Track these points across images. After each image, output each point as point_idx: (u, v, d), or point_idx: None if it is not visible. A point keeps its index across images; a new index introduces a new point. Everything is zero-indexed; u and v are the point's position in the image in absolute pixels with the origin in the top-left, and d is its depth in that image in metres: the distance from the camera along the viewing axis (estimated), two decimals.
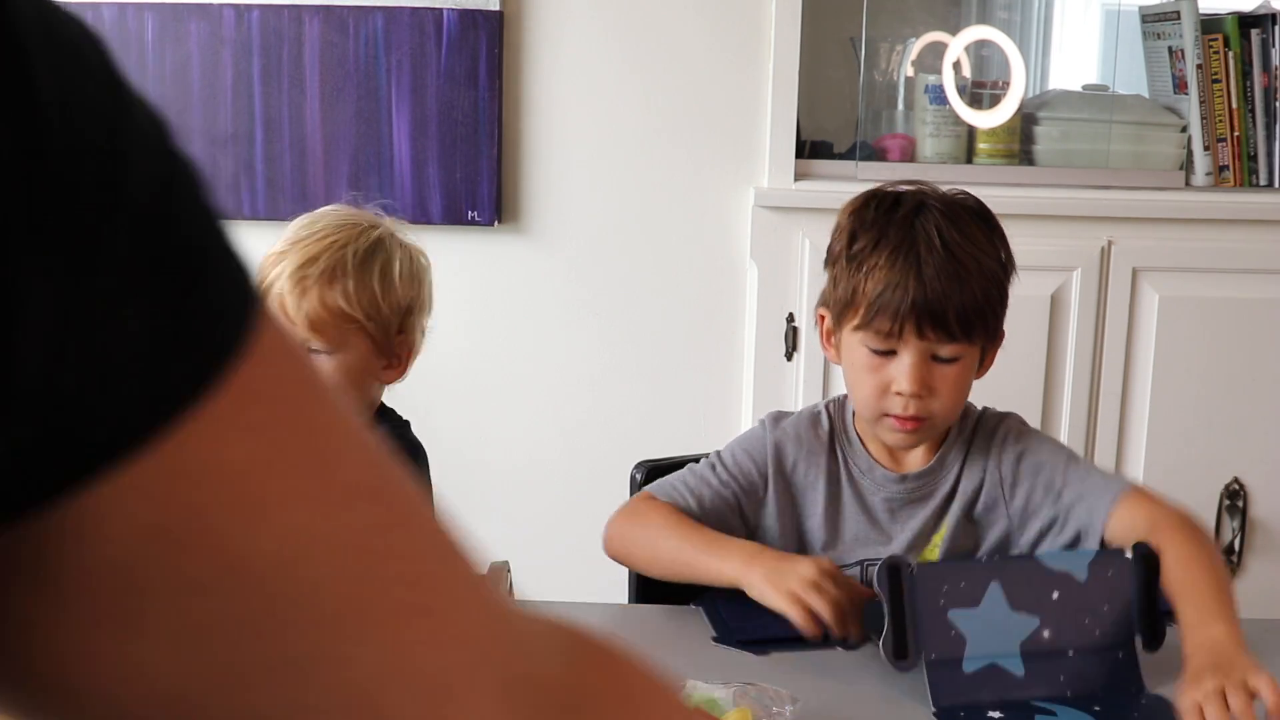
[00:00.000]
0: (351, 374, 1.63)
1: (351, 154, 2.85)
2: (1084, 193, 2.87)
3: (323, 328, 1.59)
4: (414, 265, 1.70)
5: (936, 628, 1.30)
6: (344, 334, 1.62)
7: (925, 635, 1.30)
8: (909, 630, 1.30)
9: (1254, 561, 2.93)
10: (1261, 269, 2.84)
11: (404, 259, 1.68)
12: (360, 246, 1.64)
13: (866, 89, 2.99)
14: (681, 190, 2.91)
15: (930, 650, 1.29)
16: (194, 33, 2.82)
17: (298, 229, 1.64)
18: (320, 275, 1.59)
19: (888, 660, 1.30)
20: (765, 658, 1.42)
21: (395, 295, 1.66)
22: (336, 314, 1.60)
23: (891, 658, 1.30)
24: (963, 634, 1.30)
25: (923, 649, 1.29)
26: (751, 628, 1.43)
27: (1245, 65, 2.90)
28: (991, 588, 1.33)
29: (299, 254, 1.60)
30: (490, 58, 2.83)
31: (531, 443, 3.00)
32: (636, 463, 1.87)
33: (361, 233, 1.65)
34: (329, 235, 1.63)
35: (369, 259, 1.64)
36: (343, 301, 1.60)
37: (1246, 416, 2.87)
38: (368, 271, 1.63)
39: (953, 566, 1.36)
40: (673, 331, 2.95)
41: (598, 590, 1.82)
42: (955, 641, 1.30)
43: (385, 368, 1.69)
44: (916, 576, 1.32)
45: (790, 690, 1.25)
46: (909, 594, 1.31)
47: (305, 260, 1.59)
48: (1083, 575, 1.35)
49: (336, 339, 1.61)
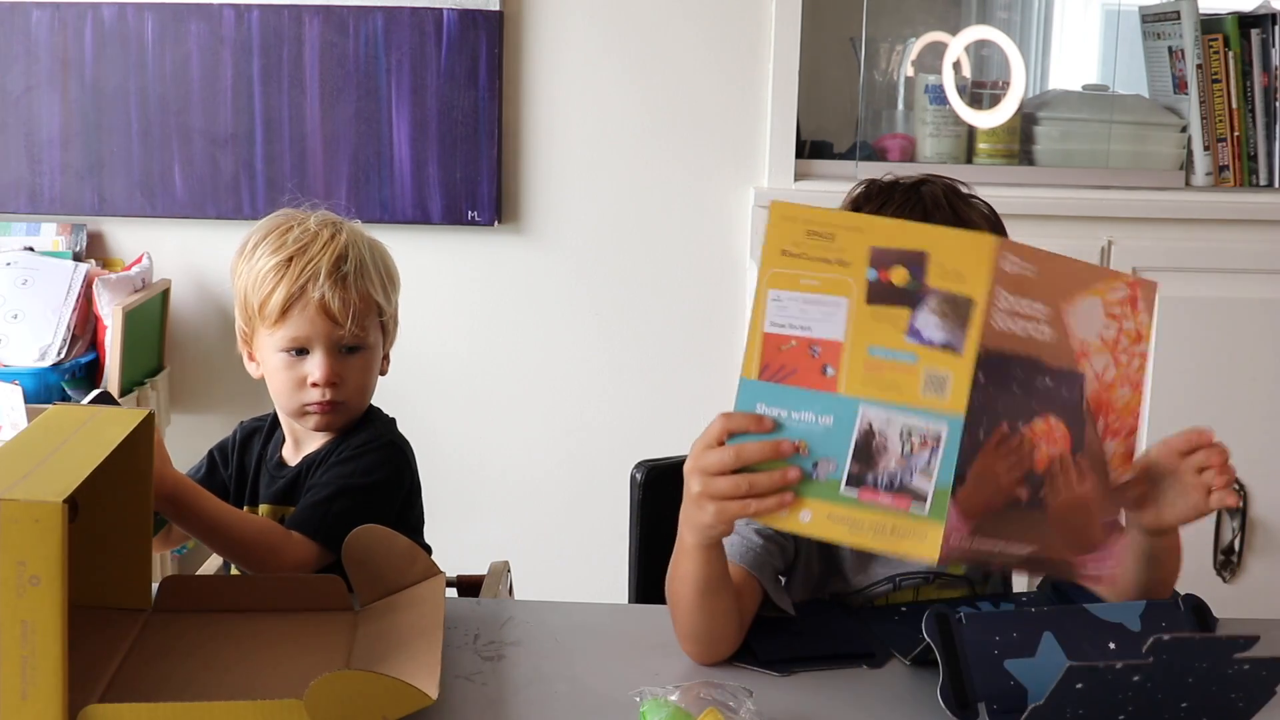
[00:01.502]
0: (374, 368, 1.68)
1: (351, 154, 2.85)
2: (1084, 193, 2.87)
3: (363, 322, 1.63)
4: (391, 257, 1.73)
5: (994, 678, 1.29)
6: (373, 327, 1.66)
7: (984, 685, 1.28)
8: (965, 679, 1.29)
9: (1254, 561, 2.93)
10: (1261, 269, 2.84)
11: (385, 252, 1.73)
12: (359, 240, 1.68)
13: (866, 89, 2.99)
14: (681, 190, 2.91)
15: (992, 700, 1.28)
16: (194, 33, 2.82)
17: (285, 235, 1.64)
18: (355, 270, 1.63)
19: (949, 710, 1.28)
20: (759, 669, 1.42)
21: (396, 285, 1.71)
22: (372, 306, 1.65)
23: (954, 708, 1.27)
24: (1022, 684, 1.29)
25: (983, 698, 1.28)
26: (775, 647, 1.41)
27: (1245, 65, 2.90)
28: (1046, 638, 1.31)
29: (325, 255, 1.62)
30: (490, 58, 2.83)
31: (531, 442, 2.99)
32: (636, 463, 1.87)
33: (349, 228, 1.69)
34: (336, 234, 1.66)
35: (374, 252, 1.68)
36: (375, 293, 1.65)
37: (1247, 417, 2.87)
38: (378, 263, 1.68)
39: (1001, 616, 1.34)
40: (673, 331, 2.95)
41: (598, 590, 1.82)
42: (1015, 691, 1.28)
43: (384, 359, 1.72)
44: (966, 626, 1.31)
45: (740, 684, 1.25)
46: (960, 643, 1.29)
47: (337, 258, 1.62)
48: (1136, 626, 1.34)
49: (370, 333, 1.65)
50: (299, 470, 1.68)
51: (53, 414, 1.33)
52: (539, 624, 1.48)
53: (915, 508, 1.19)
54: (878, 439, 1.19)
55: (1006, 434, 1.20)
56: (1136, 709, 1.20)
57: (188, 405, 2.93)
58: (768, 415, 1.21)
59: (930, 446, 1.18)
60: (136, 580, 1.43)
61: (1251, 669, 1.19)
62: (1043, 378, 1.22)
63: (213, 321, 2.92)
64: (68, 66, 2.82)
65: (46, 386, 2.60)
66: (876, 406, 1.19)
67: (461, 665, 1.36)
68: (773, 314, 1.20)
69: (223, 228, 2.88)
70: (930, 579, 1.59)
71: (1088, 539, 1.30)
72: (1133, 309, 1.25)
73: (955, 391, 1.17)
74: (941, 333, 1.17)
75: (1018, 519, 1.24)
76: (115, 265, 2.87)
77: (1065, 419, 1.24)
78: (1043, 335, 1.21)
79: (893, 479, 1.19)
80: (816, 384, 1.20)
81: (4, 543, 1.06)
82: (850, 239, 1.18)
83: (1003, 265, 1.16)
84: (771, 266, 1.20)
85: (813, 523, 1.21)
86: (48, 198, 2.87)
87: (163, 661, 1.33)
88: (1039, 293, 1.19)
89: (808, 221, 1.19)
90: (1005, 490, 1.22)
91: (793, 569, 1.57)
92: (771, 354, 1.21)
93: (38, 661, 1.08)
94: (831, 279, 1.19)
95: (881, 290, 1.18)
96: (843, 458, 1.20)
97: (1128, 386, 1.27)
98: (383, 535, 1.46)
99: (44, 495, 1.08)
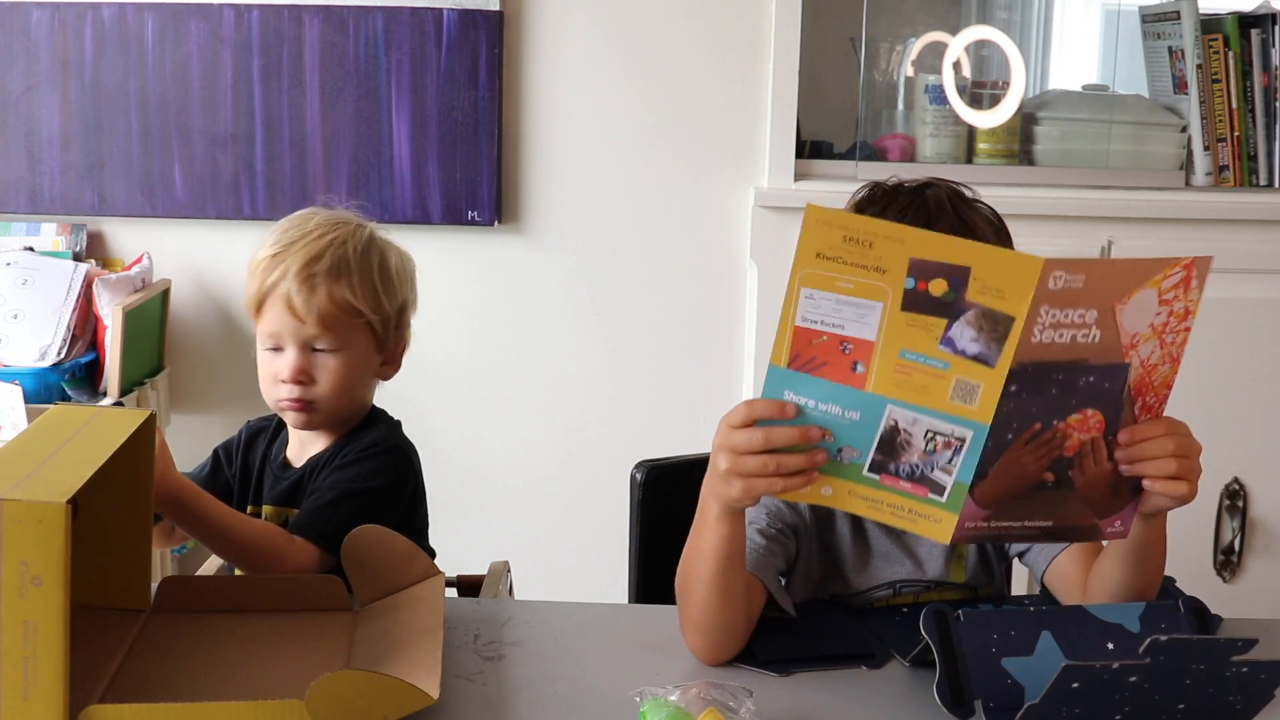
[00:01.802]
0: (355, 370, 1.66)
1: (351, 154, 2.85)
2: (1084, 193, 2.87)
3: (332, 323, 1.62)
4: (405, 263, 1.73)
5: (992, 676, 1.29)
6: (350, 330, 1.64)
7: (980, 683, 1.28)
8: (962, 677, 1.29)
9: (1254, 561, 2.93)
10: (1261, 269, 2.84)
11: (397, 256, 1.71)
12: (358, 243, 1.66)
13: (866, 89, 2.99)
14: (681, 190, 2.91)
15: (988, 698, 1.28)
16: (194, 33, 2.82)
17: (287, 231, 1.66)
18: (327, 272, 1.61)
19: (944, 707, 1.28)
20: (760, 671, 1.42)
21: (394, 290, 1.69)
22: (345, 309, 1.63)
23: (949, 705, 1.28)
24: (1019, 683, 1.29)
25: (979, 696, 1.28)
26: (774, 647, 1.41)
27: (1245, 65, 2.90)
28: (1044, 637, 1.31)
29: (302, 252, 1.62)
30: (490, 58, 2.83)
31: (532, 443, 3.00)
32: (636, 463, 1.87)
33: (355, 230, 1.68)
34: (326, 234, 1.65)
35: (368, 254, 1.66)
36: (350, 296, 1.63)
37: (1246, 416, 2.87)
38: (368, 266, 1.65)
39: (1000, 614, 1.34)
40: (673, 331, 2.95)
41: (598, 590, 1.82)
42: (1012, 690, 1.28)
43: (383, 364, 1.71)
44: (964, 624, 1.31)
45: (740, 684, 1.25)
46: (958, 641, 1.29)
47: (310, 258, 1.62)
48: (1135, 627, 1.34)
49: (344, 335, 1.63)
50: (303, 473, 1.68)
51: (54, 414, 1.33)
52: (539, 624, 1.48)
53: (934, 497, 1.23)
54: (902, 435, 1.22)
55: (1038, 430, 1.22)
56: (1133, 710, 1.20)
57: (188, 405, 2.93)
58: (794, 402, 1.23)
59: (954, 447, 1.21)
60: (136, 581, 1.43)
61: (1249, 672, 1.19)
62: (1085, 376, 1.22)
63: (213, 321, 2.92)
64: (68, 66, 2.82)
65: (46, 386, 2.60)
66: (904, 407, 1.21)
67: (461, 665, 1.36)
68: (805, 309, 1.21)
69: (223, 228, 2.88)
70: (930, 587, 1.59)
71: (1114, 504, 1.31)
72: (1185, 289, 1.24)
73: (984, 401, 1.19)
74: (976, 345, 1.18)
75: (1041, 498, 1.26)
76: (115, 265, 2.87)
77: (1103, 408, 1.25)
78: (1089, 338, 1.21)
79: (914, 470, 1.22)
80: (845, 379, 1.22)
81: (7, 543, 1.06)
82: (889, 248, 1.17)
83: (1049, 284, 1.15)
84: (805, 267, 1.19)
85: (834, 497, 1.26)
86: (48, 198, 2.87)
87: (163, 662, 1.33)
88: (1086, 301, 1.18)
89: (844, 228, 1.18)
90: (1030, 477, 1.25)
91: (793, 570, 1.57)
92: (802, 345, 1.22)
93: (39, 662, 1.08)
94: (867, 284, 1.19)
95: (918, 299, 1.18)
96: (867, 449, 1.23)
97: (1168, 363, 1.26)
98: (382, 535, 1.46)
99: (47, 496, 1.07)
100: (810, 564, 1.58)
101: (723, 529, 1.34)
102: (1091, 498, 1.29)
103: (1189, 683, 1.19)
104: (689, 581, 1.39)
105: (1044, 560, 1.56)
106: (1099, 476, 1.28)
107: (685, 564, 1.41)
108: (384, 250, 1.69)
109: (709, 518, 1.35)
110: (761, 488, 1.26)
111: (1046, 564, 1.55)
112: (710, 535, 1.35)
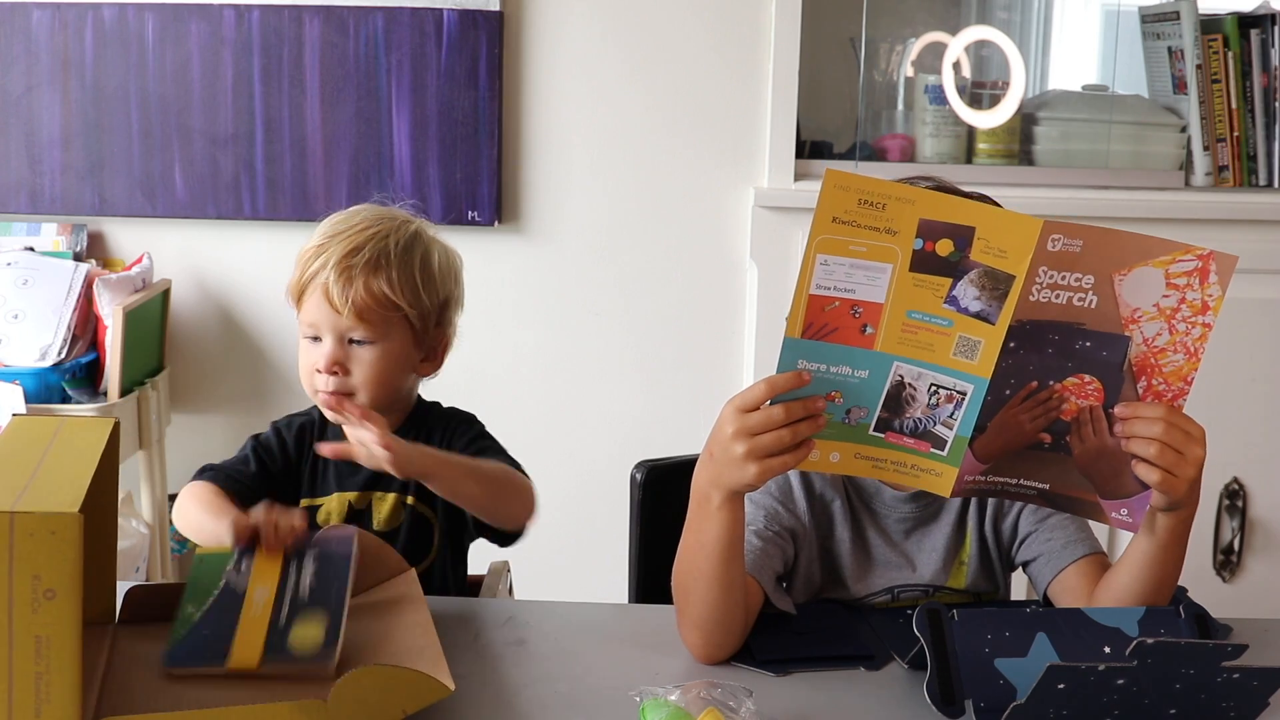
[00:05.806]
0: (392, 364, 1.67)
1: (351, 154, 2.86)
2: (1084, 193, 2.87)
3: (368, 315, 1.63)
4: (450, 260, 1.74)
5: (984, 676, 1.28)
6: (387, 323, 1.65)
7: (972, 683, 1.28)
8: (954, 676, 1.28)
9: (1253, 561, 2.94)
10: (1261, 269, 2.84)
11: (441, 253, 1.73)
12: (401, 238, 1.68)
13: (866, 89, 2.99)
14: (681, 190, 2.91)
15: (979, 699, 1.27)
16: (194, 33, 2.82)
17: (334, 224, 1.68)
18: (365, 264, 1.63)
19: (934, 706, 1.28)
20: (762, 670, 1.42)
21: (435, 286, 1.70)
22: (382, 301, 1.64)
23: (939, 704, 1.27)
24: (1012, 684, 1.28)
25: (970, 696, 1.27)
26: (773, 647, 1.41)
27: (1245, 65, 2.90)
28: (1039, 639, 1.30)
29: (343, 244, 1.64)
30: (490, 58, 2.83)
31: (531, 442, 2.98)
32: (636, 463, 1.87)
33: (400, 225, 1.69)
34: (370, 227, 1.67)
35: (410, 250, 1.68)
36: (387, 289, 1.64)
37: (1246, 416, 2.87)
38: (409, 261, 1.67)
39: (995, 614, 1.34)
40: (673, 332, 2.95)
41: (598, 590, 1.82)
42: (1004, 691, 1.27)
43: (422, 360, 1.72)
44: (959, 623, 1.30)
45: (740, 684, 1.25)
46: (951, 640, 1.29)
47: (350, 250, 1.63)
48: (1133, 631, 1.33)
49: (380, 328, 1.64)
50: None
51: (18, 426, 1.29)
52: (539, 624, 1.48)
53: (935, 451, 1.31)
54: (907, 390, 1.29)
55: (1035, 389, 1.29)
56: (1123, 713, 1.20)
57: (188, 405, 2.93)
58: (807, 370, 1.29)
59: (955, 401, 1.29)
60: (101, 593, 1.39)
61: (1242, 678, 1.19)
62: (1082, 341, 1.29)
63: (213, 322, 2.92)
64: (68, 66, 2.82)
65: (47, 386, 2.60)
66: (909, 363, 1.29)
67: (461, 665, 1.36)
68: (820, 277, 1.26)
69: (223, 228, 2.88)
70: (930, 592, 1.59)
71: (1118, 487, 1.35)
72: (1202, 280, 1.30)
73: (985, 356, 1.27)
74: (978, 303, 1.26)
75: (1037, 459, 1.33)
76: (116, 265, 2.87)
77: (1100, 376, 1.30)
78: (1085, 302, 1.28)
79: (917, 425, 1.30)
80: (855, 341, 1.28)
81: (19, 556, 1.04)
82: (901, 209, 1.24)
83: (1047, 245, 1.23)
84: (822, 233, 1.25)
85: (841, 462, 1.33)
86: (48, 198, 2.87)
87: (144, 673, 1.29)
88: (1084, 266, 1.26)
89: (860, 190, 1.23)
90: (1028, 436, 1.31)
91: (793, 575, 1.57)
92: (815, 313, 1.27)
93: (52, 677, 1.05)
94: (879, 246, 1.25)
95: (925, 259, 1.25)
96: (874, 406, 1.30)
97: (1182, 354, 1.31)
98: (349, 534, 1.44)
99: (57, 506, 1.05)
100: (811, 570, 1.58)
101: (725, 516, 1.35)
102: (1092, 471, 1.33)
103: (1179, 688, 1.18)
104: (687, 578, 1.39)
105: (1049, 573, 1.55)
106: (1098, 448, 1.32)
107: (682, 561, 1.41)
108: (428, 246, 1.71)
109: (710, 507, 1.36)
110: (776, 466, 1.29)
111: (1052, 576, 1.54)
112: (711, 525, 1.35)
